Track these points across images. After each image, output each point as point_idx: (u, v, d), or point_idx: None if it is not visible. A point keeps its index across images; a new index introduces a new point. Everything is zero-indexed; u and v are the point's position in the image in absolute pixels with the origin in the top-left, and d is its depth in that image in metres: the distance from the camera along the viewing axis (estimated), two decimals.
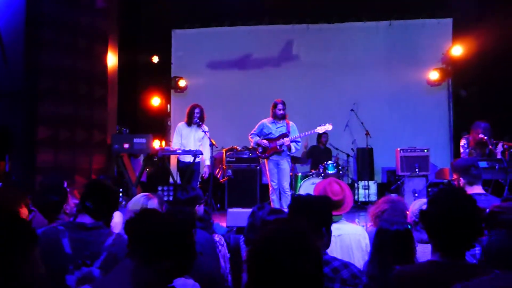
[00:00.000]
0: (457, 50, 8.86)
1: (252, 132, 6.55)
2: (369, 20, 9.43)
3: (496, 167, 5.49)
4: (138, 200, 2.95)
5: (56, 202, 3.01)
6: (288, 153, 6.37)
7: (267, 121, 6.48)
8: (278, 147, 6.29)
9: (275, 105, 6.39)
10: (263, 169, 6.91)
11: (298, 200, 2.25)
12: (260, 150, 6.46)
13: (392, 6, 8.99)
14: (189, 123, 6.61)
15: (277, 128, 6.39)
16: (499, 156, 5.64)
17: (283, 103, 6.38)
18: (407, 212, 2.89)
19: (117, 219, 3.42)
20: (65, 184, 3.93)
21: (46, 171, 5.98)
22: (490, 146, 5.56)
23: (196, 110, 6.57)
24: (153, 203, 2.91)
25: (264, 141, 6.36)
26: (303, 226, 1.36)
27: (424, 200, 2.64)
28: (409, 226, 2.29)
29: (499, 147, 5.67)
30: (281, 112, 6.34)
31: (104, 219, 2.55)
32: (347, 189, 3.47)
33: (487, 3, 8.29)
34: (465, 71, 8.86)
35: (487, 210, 2.27)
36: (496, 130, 6.14)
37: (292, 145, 6.31)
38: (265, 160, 6.45)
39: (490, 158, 5.62)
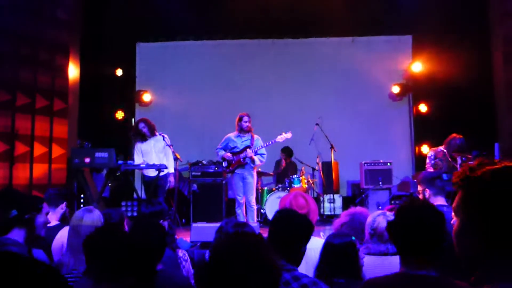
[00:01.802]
0: (417, 66, 9.16)
1: (218, 147, 6.52)
2: (332, 36, 9.62)
3: None
4: (77, 214, 2.86)
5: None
6: (252, 165, 6.34)
7: (232, 135, 6.47)
8: (242, 159, 6.27)
9: (240, 118, 6.38)
10: (229, 183, 6.86)
11: (281, 214, 2.27)
12: (225, 165, 6.43)
13: (355, 23, 9.22)
14: (142, 139, 6.49)
15: (242, 142, 6.38)
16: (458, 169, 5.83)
17: (248, 116, 6.40)
18: None
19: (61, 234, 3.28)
20: None
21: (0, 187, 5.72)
22: (450, 159, 5.74)
23: (141, 125, 6.47)
24: (92, 216, 2.82)
25: (229, 154, 6.34)
26: (258, 240, 1.33)
27: (379, 212, 2.68)
28: (353, 238, 2.34)
29: (458, 160, 5.86)
30: (247, 124, 6.34)
31: None
32: (312, 203, 3.47)
33: (445, 21, 8.63)
34: (425, 86, 9.16)
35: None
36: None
37: (256, 157, 6.29)
38: (231, 174, 6.42)
39: (450, 171, 5.80)
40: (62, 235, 3.31)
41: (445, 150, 5.78)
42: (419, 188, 3.68)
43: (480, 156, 6.22)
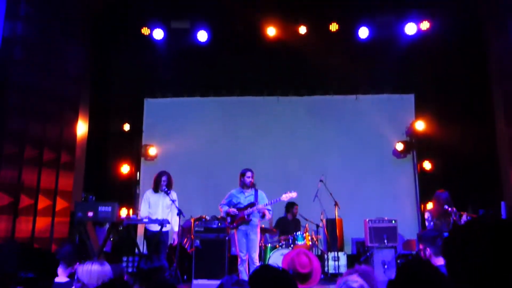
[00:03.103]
0: (420, 125, 9.27)
1: (222, 202, 6.53)
2: (336, 94, 9.83)
3: None
4: (92, 271, 2.80)
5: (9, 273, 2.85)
6: (262, 219, 6.38)
7: (235, 191, 6.51)
8: (246, 216, 6.25)
9: (243, 174, 6.44)
10: (233, 240, 6.78)
11: (259, 273, 2.22)
12: (229, 220, 6.40)
13: (358, 81, 9.47)
14: (156, 190, 6.54)
15: (245, 197, 6.39)
16: None
17: (251, 171, 6.45)
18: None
19: None
20: None
21: (2, 241, 5.68)
22: (455, 218, 5.67)
23: (163, 178, 6.52)
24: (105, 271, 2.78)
25: (233, 209, 6.34)
26: None
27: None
28: None
29: (464, 218, 5.78)
30: (250, 179, 6.39)
31: None
32: (315, 261, 3.43)
33: (446, 80, 8.85)
34: (429, 144, 9.22)
35: None
36: (458, 201, 6.29)
37: (267, 212, 6.32)
38: (234, 230, 6.36)
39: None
40: None
41: (448, 208, 5.70)
42: (421, 247, 3.63)
43: (486, 215, 6.15)
